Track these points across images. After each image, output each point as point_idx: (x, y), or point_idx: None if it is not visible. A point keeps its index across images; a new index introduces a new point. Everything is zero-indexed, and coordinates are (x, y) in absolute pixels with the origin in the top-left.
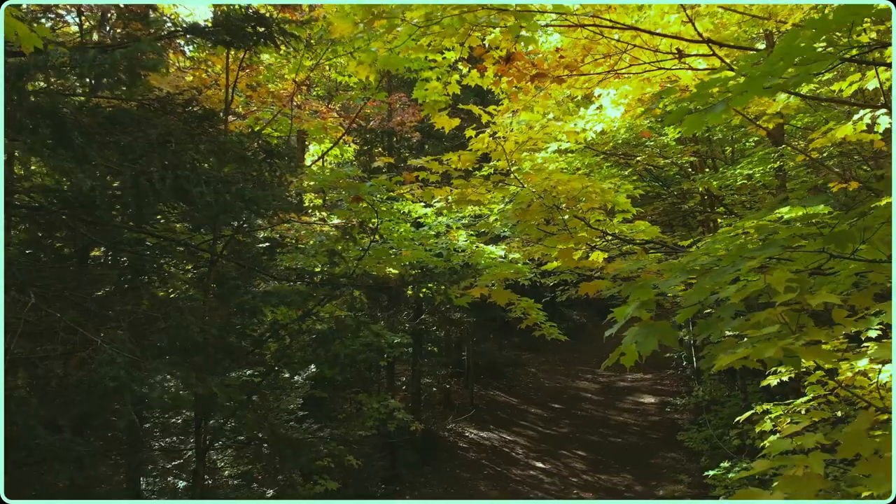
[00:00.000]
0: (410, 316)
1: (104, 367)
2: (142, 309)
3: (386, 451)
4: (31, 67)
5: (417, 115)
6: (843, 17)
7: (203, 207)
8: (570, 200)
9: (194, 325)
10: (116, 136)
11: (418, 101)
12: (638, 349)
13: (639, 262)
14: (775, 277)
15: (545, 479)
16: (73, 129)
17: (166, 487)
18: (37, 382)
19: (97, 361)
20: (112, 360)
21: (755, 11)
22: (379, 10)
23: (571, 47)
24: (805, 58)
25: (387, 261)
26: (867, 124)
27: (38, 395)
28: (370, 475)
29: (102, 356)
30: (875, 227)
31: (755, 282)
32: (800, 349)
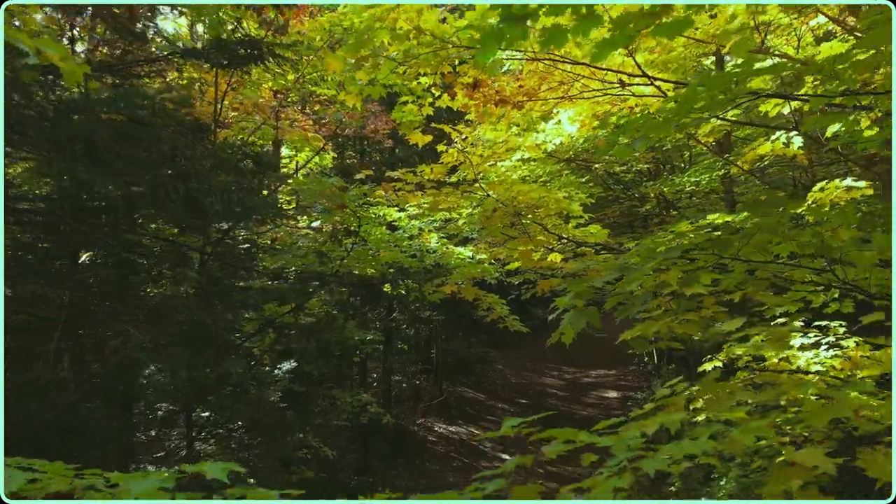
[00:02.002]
0: (382, 314)
1: (137, 353)
2: (154, 303)
3: (359, 444)
4: (80, 104)
5: (390, 124)
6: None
7: (213, 216)
8: (530, 208)
9: (207, 319)
10: (134, 149)
11: (396, 121)
12: (572, 328)
13: (584, 262)
14: (669, 275)
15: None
16: (104, 148)
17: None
18: (78, 368)
19: (131, 347)
20: (142, 347)
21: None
22: (365, 52)
23: (530, 76)
24: (702, 105)
25: (366, 261)
26: (783, 143)
27: (77, 379)
28: (344, 466)
29: (135, 342)
30: (751, 236)
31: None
32: (675, 325)
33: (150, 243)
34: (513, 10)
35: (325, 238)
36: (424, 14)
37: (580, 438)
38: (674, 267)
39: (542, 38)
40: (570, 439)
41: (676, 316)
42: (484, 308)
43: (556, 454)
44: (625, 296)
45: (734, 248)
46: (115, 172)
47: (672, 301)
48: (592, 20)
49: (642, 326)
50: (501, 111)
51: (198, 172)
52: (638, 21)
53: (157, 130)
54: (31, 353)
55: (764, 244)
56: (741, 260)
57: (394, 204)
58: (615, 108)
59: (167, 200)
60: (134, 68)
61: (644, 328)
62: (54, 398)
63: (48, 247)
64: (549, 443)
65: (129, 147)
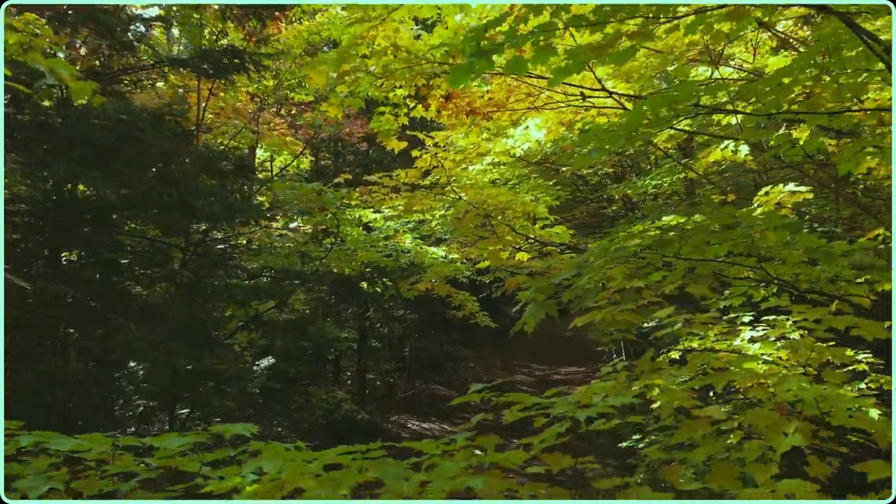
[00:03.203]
0: (356, 313)
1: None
2: (147, 301)
3: (334, 440)
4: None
5: (365, 127)
6: (664, 101)
7: (204, 217)
8: (499, 210)
9: (202, 314)
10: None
11: (374, 129)
12: (533, 319)
13: (549, 261)
14: (615, 271)
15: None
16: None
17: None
18: (86, 361)
19: (133, 339)
20: (143, 338)
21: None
22: (347, 67)
23: (499, 89)
24: (648, 121)
25: (345, 261)
26: (732, 150)
27: (84, 370)
28: None
29: (136, 334)
30: (689, 237)
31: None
32: (617, 314)
33: (134, 243)
34: (482, 46)
35: (305, 239)
36: (401, 32)
37: (531, 401)
38: (622, 265)
39: (507, 66)
40: (525, 406)
41: (619, 306)
42: (456, 304)
43: (514, 419)
44: (579, 290)
45: (675, 247)
46: (113, 175)
47: (617, 294)
48: (549, 52)
49: (590, 315)
50: (472, 121)
51: (187, 177)
52: (587, 53)
53: (153, 138)
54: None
55: (701, 244)
56: (683, 258)
57: (369, 206)
58: (578, 116)
59: (160, 203)
60: (121, 76)
61: (591, 316)
62: (66, 387)
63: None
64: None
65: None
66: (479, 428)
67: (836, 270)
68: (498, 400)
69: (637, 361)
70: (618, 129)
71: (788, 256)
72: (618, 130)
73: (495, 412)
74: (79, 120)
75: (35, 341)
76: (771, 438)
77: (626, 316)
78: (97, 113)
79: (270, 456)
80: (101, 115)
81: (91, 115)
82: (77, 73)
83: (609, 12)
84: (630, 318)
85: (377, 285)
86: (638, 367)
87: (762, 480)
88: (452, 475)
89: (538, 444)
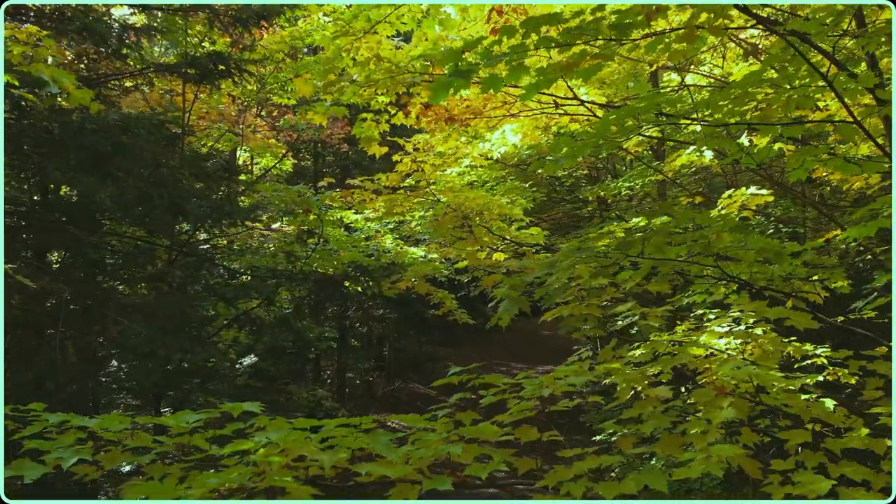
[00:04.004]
0: (336, 312)
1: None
2: (144, 299)
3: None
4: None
5: (346, 129)
6: (627, 112)
7: (195, 219)
8: (477, 212)
9: (192, 312)
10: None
11: (357, 136)
12: (507, 314)
13: (524, 261)
14: (581, 269)
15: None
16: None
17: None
18: (83, 355)
19: (130, 334)
20: (139, 334)
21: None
22: (332, 77)
23: (476, 98)
24: (614, 131)
25: (328, 260)
26: (697, 155)
27: (83, 363)
28: None
29: (133, 330)
30: (649, 238)
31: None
32: (582, 308)
33: (121, 244)
34: (460, 66)
35: (290, 239)
36: (383, 43)
37: (502, 381)
38: (589, 264)
39: (484, 84)
40: (500, 389)
41: (583, 301)
42: (435, 302)
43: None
44: (550, 287)
45: (638, 248)
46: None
47: (583, 290)
48: (521, 70)
49: (557, 310)
50: (451, 127)
51: (176, 180)
52: (556, 71)
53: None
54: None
55: (662, 245)
56: (646, 258)
57: (350, 206)
58: (553, 121)
59: (151, 205)
60: (108, 81)
61: (559, 311)
62: (68, 379)
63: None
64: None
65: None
66: (458, 406)
67: (789, 269)
68: (476, 382)
69: (601, 352)
70: (587, 137)
71: (744, 256)
72: (587, 139)
73: (473, 394)
74: (79, 128)
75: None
76: (709, 413)
77: (591, 310)
78: (96, 120)
79: (276, 428)
80: (99, 123)
81: (90, 123)
82: (77, 81)
83: (574, 34)
84: (594, 311)
85: (361, 284)
86: (600, 355)
87: (699, 447)
88: (434, 443)
89: (508, 418)
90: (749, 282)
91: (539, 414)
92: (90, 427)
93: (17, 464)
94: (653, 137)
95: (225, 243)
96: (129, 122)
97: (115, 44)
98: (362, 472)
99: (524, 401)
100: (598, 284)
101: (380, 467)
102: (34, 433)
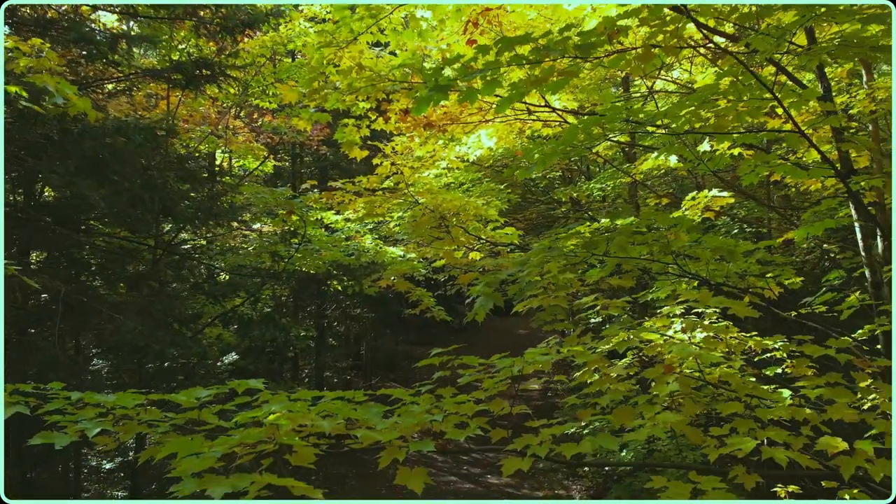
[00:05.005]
0: (315, 311)
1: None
2: (143, 295)
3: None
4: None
5: (325, 131)
6: (593, 121)
7: (183, 220)
8: (453, 213)
9: (187, 308)
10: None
11: (339, 140)
12: (482, 309)
13: (498, 260)
14: (550, 266)
15: (438, 459)
16: (103, 166)
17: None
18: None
19: (124, 329)
20: (135, 329)
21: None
22: (316, 86)
23: (453, 104)
24: (582, 138)
25: (311, 260)
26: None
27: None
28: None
29: (128, 325)
30: (613, 238)
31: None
32: (551, 300)
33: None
34: (439, 81)
35: (275, 239)
36: (364, 53)
37: (479, 362)
38: (557, 262)
39: (461, 97)
40: (476, 369)
41: (550, 294)
42: (414, 300)
43: (467, 382)
44: (522, 283)
45: (602, 247)
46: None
47: (552, 285)
48: (495, 84)
49: (527, 301)
50: (429, 133)
51: (164, 182)
52: (527, 85)
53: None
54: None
55: (625, 244)
56: (610, 256)
57: (330, 207)
58: (526, 126)
59: (143, 207)
60: (95, 84)
61: (529, 303)
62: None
63: None
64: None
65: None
66: (438, 384)
67: (744, 266)
68: (455, 362)
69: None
70: (556, 144)
71: (701, 254)
72: (556, 146)
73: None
74: (79, 134)
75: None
76: (657, 387)
77: (559, 301)
78: (94, 128)
79: (279, 401)
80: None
81: (89, 131)
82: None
83: (543, 53)
84: (562, 302)
85: (342, 283)
86: (566, 342)
87: (648, 416)
88: (418, 414)
89: (483, 394)
90: (707, 279)
91: (511, 391)
92: (103, 404)
93: (45, 434)
94: (620, 143)
95: (205, 243)
96: (127, 129)
97: (108, 51)
98: (358, 437)
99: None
100: (565, 280)
101: (372, 433)
102: (56, 409)
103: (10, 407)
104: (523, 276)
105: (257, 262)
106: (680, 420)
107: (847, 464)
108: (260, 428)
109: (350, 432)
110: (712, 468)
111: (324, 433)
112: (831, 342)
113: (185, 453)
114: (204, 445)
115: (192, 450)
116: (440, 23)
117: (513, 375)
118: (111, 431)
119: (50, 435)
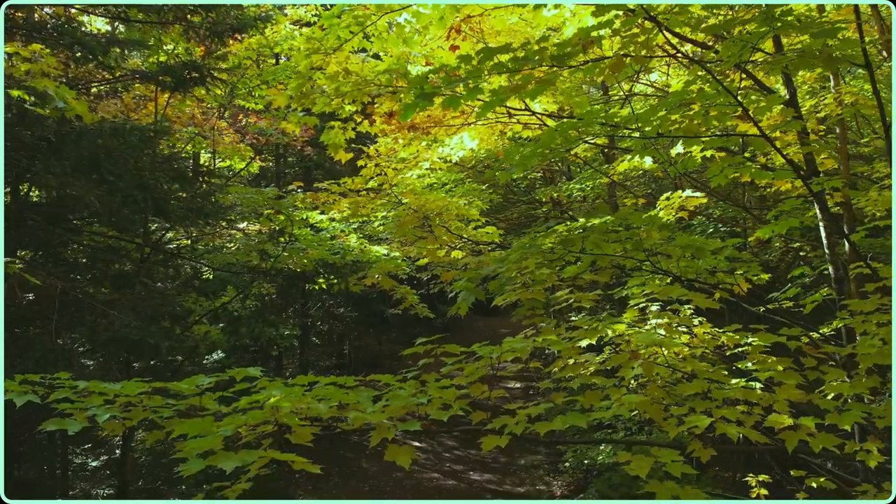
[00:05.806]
0: (298, 310)
1: (125, 329)
2: (137, 292)
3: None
4: (86, 131)
5: (309, 132)
6: (570, 125)
7: (176, 220)
8: (436, 213)
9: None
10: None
11: (325, 142)
12: (465, 303)
13: (479, 258)
14: (528, 262)
15: (421, 456)
16: (99, 167)
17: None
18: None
19: (119, 324)
20: (129, 324)
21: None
22: (305, 90)
23: (436, 108)
24: (559, 142)
25: (298, 258)
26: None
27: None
28: None
29: (123, 320)
30: (588, 236)
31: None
32: (527, 294)
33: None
34: (425, 89)
35: (262, 238)
36: (351, 58)
37: (461, 351)
38: (535, 258)
39: (444, 103)
40: (458, 358)
41: (529, 288)
42: (398, 297)
43: (449, 372)
44: (502, 279)
45: (578, 245)
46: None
47: (530, 280)
48: (477, 91)
49: (506, 295)
50: (413, 135)
51: (156, 182)
52: (506, 92)
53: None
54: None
55: (600, 242)
56: (586, 253)
57: (315, 207)
58: (507, 128)
59: (136, 207)
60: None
61: (507, 296)
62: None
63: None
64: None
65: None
66: (423, 370)
67: (714, 263)
68: (438, 351)
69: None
70: (535, 147)
71: (672, 251)
72: (535, 148)
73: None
74: (77, 136)
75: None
76: (623, 372)
77: (536, 294)
78: (90, 130)
79: (277, 387)
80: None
81: (88, 133)
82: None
83: (521, 62)
84: (538, 296)
85: (328, 280)
86: (542, 331)
87: (615, 398)
88: (405, 398)
89: (465, 380)
90: (679, 275)
91: (490, 378)
92: (109, 392)
93: (57, 420)
94: (598, 145)
95: (189, 242)
96: (123, 131)
97: (101, 55)
98: (349, 419)
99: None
100: (542, 275)
101: (363, 415)
102: (63, 397)
103: (22, 396)
104: (503, 272)
105: (245, 260)
106: (643, 401)
107: (791, 437)
108: (262, 410)
109: (342, 414)
110: (673, 444)
111: (319, 416)
112: (784, 331)
113: (195, 433)
114: (213, 426)
115: (201, 429)
116: (424, 28)
117: (492, 363)
118: (119, 417)
119: (62, 421)
